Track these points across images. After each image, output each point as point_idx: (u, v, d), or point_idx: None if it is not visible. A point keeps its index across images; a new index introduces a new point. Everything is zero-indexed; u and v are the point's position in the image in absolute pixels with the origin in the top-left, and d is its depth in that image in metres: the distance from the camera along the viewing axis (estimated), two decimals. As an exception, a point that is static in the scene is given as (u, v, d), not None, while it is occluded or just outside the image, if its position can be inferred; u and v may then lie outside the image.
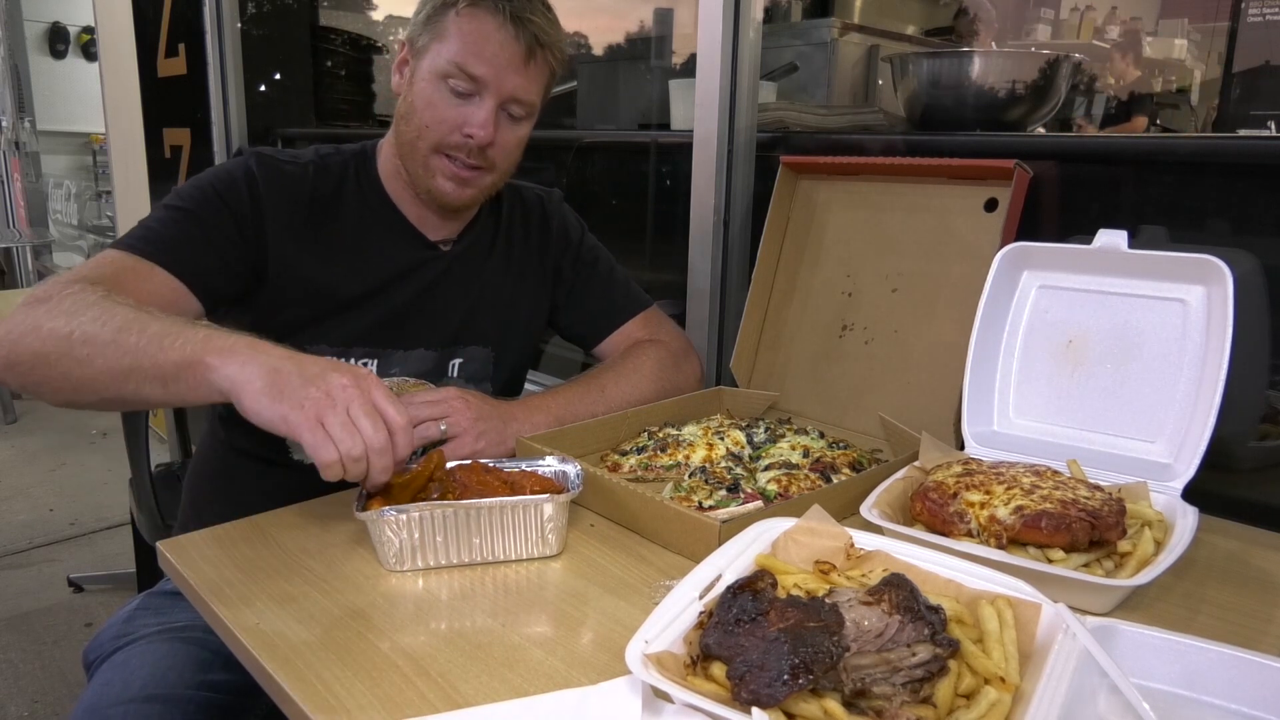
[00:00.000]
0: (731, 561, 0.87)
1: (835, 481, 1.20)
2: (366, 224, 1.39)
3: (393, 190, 1.41)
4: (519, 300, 1.53)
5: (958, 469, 1.08)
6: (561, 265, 1.57)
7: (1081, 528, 0.93)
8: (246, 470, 1.40)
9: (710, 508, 1.13)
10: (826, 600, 0.76)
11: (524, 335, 1.56)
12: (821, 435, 1.38)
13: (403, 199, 1.41)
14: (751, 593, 0.76)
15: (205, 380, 0.97)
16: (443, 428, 1.19)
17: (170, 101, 3.86)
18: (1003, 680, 0.71)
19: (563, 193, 1.64)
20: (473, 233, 1.48)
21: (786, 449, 1.32)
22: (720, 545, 0.91)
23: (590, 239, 1.63)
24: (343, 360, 1.04)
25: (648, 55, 2.97)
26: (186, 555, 1.02)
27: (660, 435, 1.38)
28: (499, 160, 1.34)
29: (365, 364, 1.37)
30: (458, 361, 1.46)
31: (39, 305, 1.06)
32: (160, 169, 3.99)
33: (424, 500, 1.02)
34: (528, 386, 2.39)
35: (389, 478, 0.98)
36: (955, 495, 1.02)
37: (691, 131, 1.81)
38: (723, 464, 1.27)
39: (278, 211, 1.32)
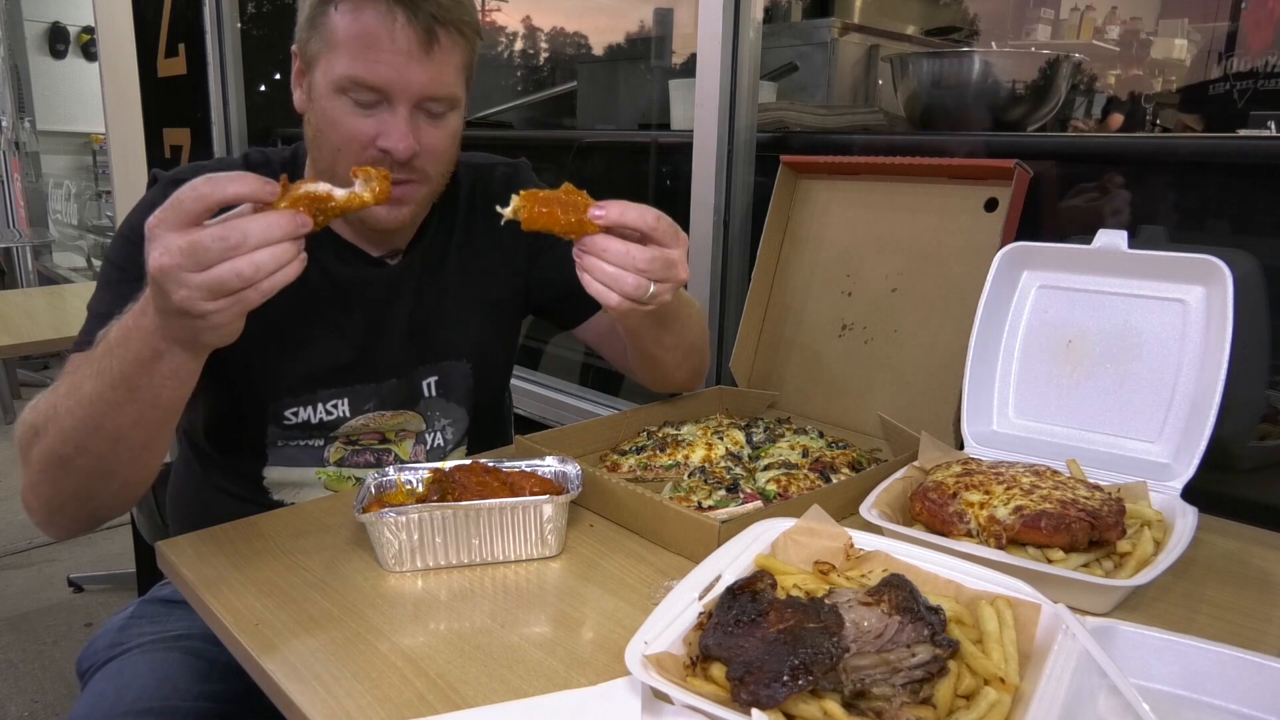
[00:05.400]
0: (731, 562, 0.87)
1: (835, 481, 1.20)
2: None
3: None
4: (492, 298, 1.40)
5: (957, 469, 1.08)
6: (539, 238, 1.41)
7: (1081, 528, 0.93)
8: (225, 506, 1.28)
9: (710, 508, 1.13)
10: (826, 601, 0.76)
11: (503, 336, 1.44)
12: (821, 435, 1.38)
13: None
14: (751, 593, 0.76)
15: (175, 360, 0.93)
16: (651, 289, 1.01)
17: (170, 101, 3.86)
18: (1002, 681, 0.71)
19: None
20: (424, 240, 1.33)
21: (786, 449, 1.32)
22: (720, 545, 0.91)
23: None
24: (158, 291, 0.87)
25: (648, 55, 2.97)
26: (186, 555, 1.02)
27: (659, 435, 1.38)
28: (431, 167, 1.18)
29: (335, 405, 1.28)
30: (432, 380, 1.35)
31: (18, 450, 1.06)
32: (160, 169, 3.99)
33: (423, 501, 1.02)
34: (521, 385, 2.39)
35: (285, 221, 0.86)
36: (955, 495, 1.02)
37: (691, 131, 1.81)
38: (722, 464, 1.27)
39: None
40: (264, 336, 1.21)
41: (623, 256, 0.98)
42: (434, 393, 1.36)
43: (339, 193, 0.92)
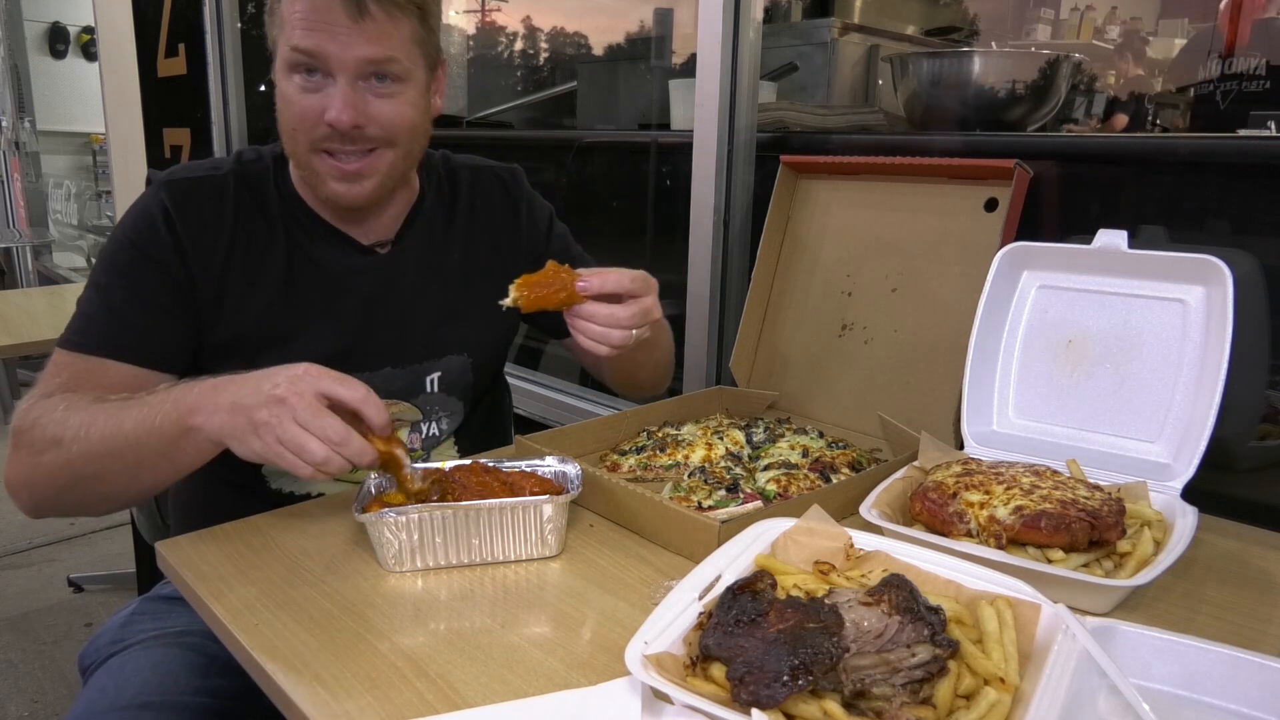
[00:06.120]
0: (731, 562, 0.87)
1: (835, 481, 1.20)
2: (293, 236, 1.29)
3: (308, 196, 1.30)
4: (492, 297, 1.39)
5: (957, 469, 1.08)
6: (539, 249, 1.45)
7: (1081, 528, 0.93)
8: (226, 497, 1.29)
9: (710, 508, 1.13)
10: (826, 601, 0.76)
11: (502, 335, 1.49)
12: (821, 435, 1.38)
13: (321, 205, 1.30)
14: (751, 593, 0.76)
15: (200, 443, 1.00)
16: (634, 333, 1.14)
17: (170, 101, 3.86)
18: (1002, 681, 0.70)
19: (556, 202, 1.56)
20: (415, 228, 1.37)
21: (786, 449, 1.32)
22: (720, 545, 0.91)
23: (559, 222, 1.54)
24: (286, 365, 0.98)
25: (648, 55, 2.97)
26: (185, 555, 1.02)
27: (659, 435, 1.38)
28: (385, 136, 1.19)
29: None
30: (435, 375, 1.37)
31: (23, 443, 1.09)
32: (160, 169, 3.99)
33: (424, 502, 1.02)
34: (521, 385, 2.39)
35: (371, 458, 0.97)
36: (955, 495, 1.02)
37: (691, 131, 1.81)
38: (722, 464, 1.27)
39: (199, 243, 1.22)
40: (257, 325, 1.25)
41: (609, 318, 1.12)
42: (436, 388, 1.38)
43: (407, 468, 1.03)
